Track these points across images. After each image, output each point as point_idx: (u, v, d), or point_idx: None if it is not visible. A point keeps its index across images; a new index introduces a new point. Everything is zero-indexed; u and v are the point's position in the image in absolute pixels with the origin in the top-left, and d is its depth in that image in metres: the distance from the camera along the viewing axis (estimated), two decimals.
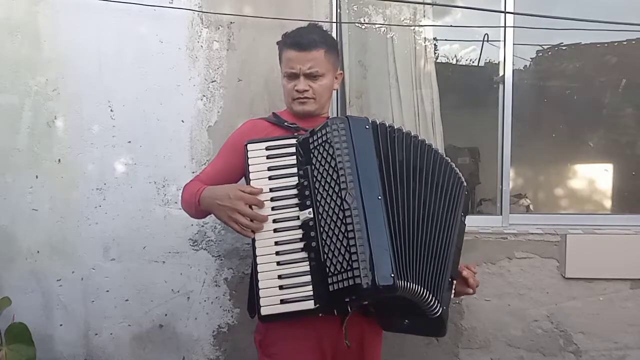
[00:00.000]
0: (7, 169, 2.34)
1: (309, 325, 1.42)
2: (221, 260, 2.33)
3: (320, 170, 1.36)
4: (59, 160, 2.33)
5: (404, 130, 1.43)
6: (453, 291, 1.47)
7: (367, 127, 1.38)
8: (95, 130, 2.32)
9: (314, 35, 1.58)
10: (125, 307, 2.36)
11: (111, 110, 2.31)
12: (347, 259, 1.27)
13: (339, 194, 1.31)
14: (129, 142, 2.31)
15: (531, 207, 3.04)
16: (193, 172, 2.26)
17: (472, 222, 2.35)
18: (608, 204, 3.13)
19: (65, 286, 2.37)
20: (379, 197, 1.32)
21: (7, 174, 2.35)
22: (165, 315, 2.36)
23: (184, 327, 2.36)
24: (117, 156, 2.32)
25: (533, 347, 2.25)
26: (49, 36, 2.30)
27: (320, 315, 1.33)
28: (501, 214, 2.38)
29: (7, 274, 2.36)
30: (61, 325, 2.39)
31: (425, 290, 1.32)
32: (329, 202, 1.33)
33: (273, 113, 1.68)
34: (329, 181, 1.34)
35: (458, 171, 1.52)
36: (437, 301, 1.35)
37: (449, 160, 1.51)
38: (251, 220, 1.37)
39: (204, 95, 2.29)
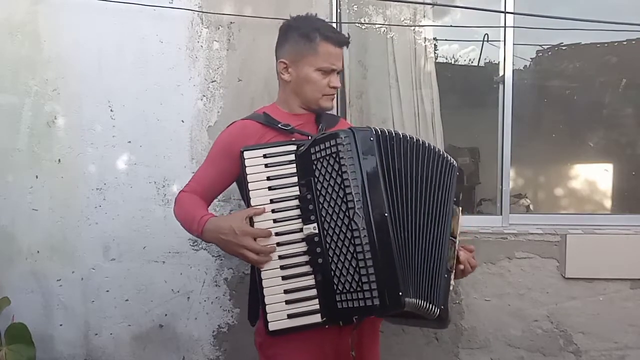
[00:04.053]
0: (7, 169, 2.34)
1: None
2: (221, 260, 2.33)
3: (325, 185, 1.33)
4: (59, 160, 2.33)
5: (400, 135, 1.40)
6: (452, 283, 1.45)
7: (372, 139, 1.34)
8: (95, 130, 2.32)
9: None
10: (125, 307, 2.36)
11: (111, 110, 2.31)
12: (357, 279, 1.28)
13: (347, 213, 1.30)
14: (129, 142, 2.31)
15: (531, 207, 3.05)
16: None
17: (472, 222, 2.36)
18: (608, 204, 3.14)
19: (65, 286, 2.37)
20: (385, 214, 1.31)
21: (7, 174, 2.35)
22: (165, 315, 2.36)
23: (184, 327, 2.36)
24: (117, 156, 2.32)
25: (533, 347, 2.24)
26: (49, 36, 2.30)
27: (327, 326, 1.35)
28: (501, 214, 2.38)
29: (7, 274, 2.36)
30: (61, 325, 2.39)
31: (425, 302, 1.34)
32: (335, 219, 1.32)
33: (264, 112, 1.57)
34: (334, 198, 1.32)
35: (447, 155, 1.48)
36: (434, 306, 1.36)
37: (438, 149, 1.46)
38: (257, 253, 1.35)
39: (204, 95, 2.29)
